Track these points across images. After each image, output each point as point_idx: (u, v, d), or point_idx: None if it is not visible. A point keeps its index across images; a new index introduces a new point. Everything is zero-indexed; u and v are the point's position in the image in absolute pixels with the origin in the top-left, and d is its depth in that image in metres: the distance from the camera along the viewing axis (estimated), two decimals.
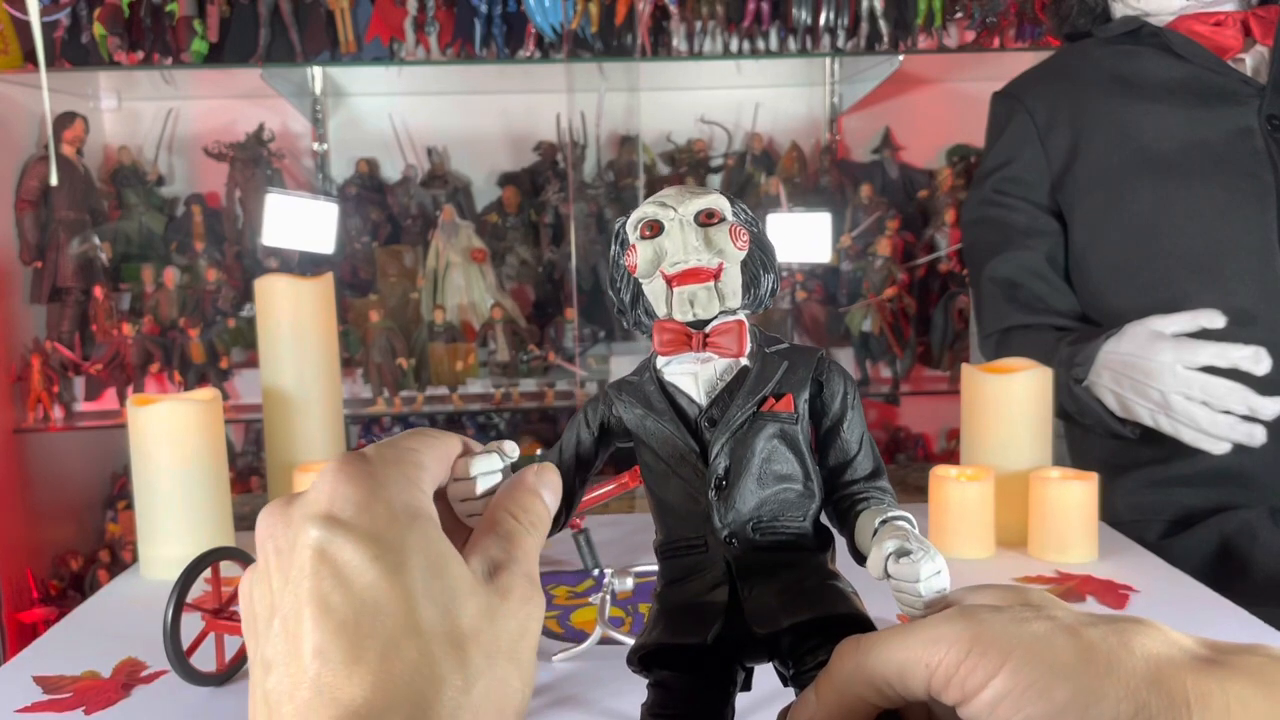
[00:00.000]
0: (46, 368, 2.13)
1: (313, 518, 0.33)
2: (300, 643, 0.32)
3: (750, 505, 0.41)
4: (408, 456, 0.36)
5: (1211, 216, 1.15)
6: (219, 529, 1.04)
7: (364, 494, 0.34)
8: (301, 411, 1.17)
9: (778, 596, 0.40)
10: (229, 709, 0.74)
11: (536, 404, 2.24)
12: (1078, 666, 0.31)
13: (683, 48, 2.19)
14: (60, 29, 2.11)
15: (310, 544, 0.32)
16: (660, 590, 0.43)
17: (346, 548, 0.32)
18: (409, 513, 0.34)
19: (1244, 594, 0.90)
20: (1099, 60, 1.27)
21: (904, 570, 0.38)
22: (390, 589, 0.32)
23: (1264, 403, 1.02)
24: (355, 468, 0.34)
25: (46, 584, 2.16)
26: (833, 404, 0.43)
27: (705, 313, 0.42)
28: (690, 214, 0.42)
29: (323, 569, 0.32)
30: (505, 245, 2.34)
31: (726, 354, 0.42)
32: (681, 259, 0.42)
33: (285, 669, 0.32)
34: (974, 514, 1.00)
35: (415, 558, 0.33)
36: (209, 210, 2.34)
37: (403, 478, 0.35)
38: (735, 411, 0.42)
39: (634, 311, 0.45)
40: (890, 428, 2.53)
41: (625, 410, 0.44)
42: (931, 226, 2.33)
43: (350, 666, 0.31)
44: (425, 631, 0.32)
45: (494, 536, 0.37)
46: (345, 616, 0.31)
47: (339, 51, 2.19)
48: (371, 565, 0.32)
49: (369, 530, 0.33)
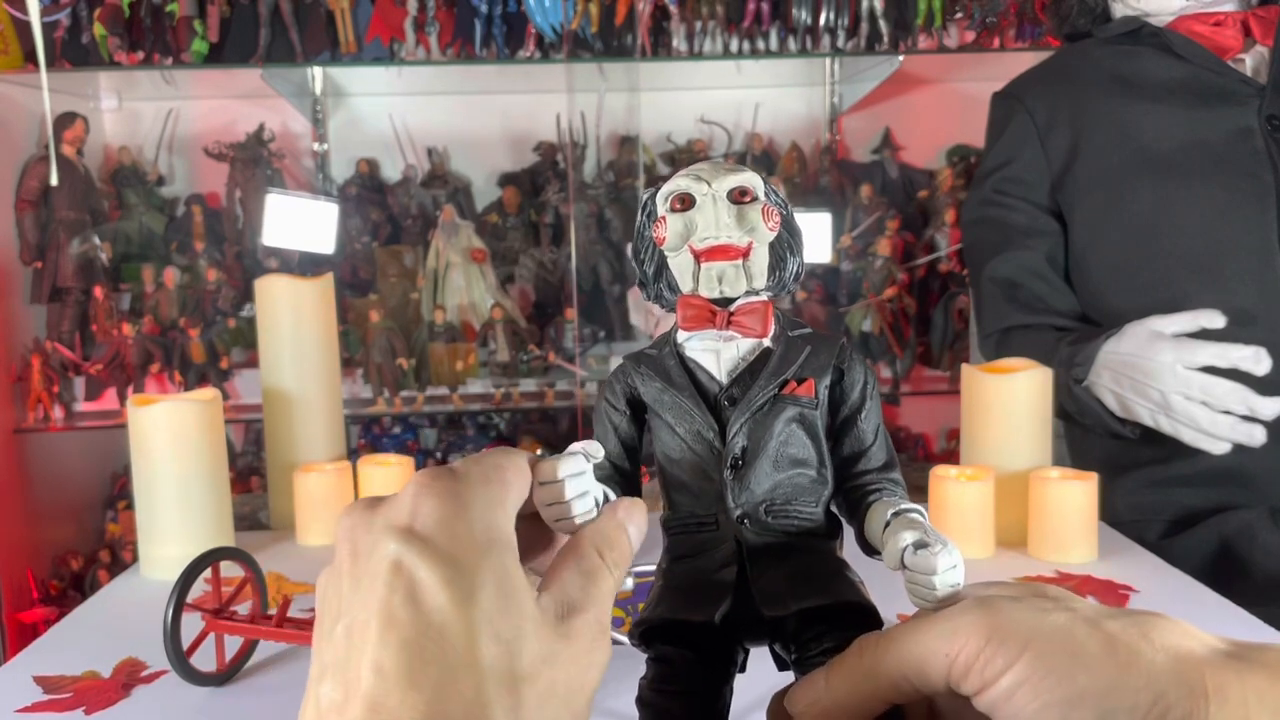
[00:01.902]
0: (46, 368, 2.13)
1: (394, 529, 0.33)
2: (362, 653, 0.31)
3: (765, 487, 0.41)
4: (494, 475, 0.35)
5: (1211, 216, 1.15)
6: (219, 529, 1.04)
7: (447, 512, 0.33)
8: (301, 411, 1.17)
9: (787, 580, 0.40)
10: (229, 709, 0.74)
11: (536, 404, 2.24)
12: (1099, 656, 0.32)
13: (683, 48, 2.19)
14: (60, 29, 2.11)
15: (388, 555, 0.32)
16: (666, 565, 0.43)
17: (422, 566, 0.32)
18: (488, 537, 0.33)
19: (1244, 594, 0.90)
20: (1099, 60, 1.27)
21: (921, 563, 0.38)
22: (458, 616, 0.31)
23: (1264, 403, 1.02)
24: (442, 484, 0.34)
25: (46, 584, 2.16)
26: (852, 393, 0.43)
27: (732, 291, 0.42)
28: (724, 190, 0.42)
29: (396, 583, 0.32)
30: (505, 245, 2.34)
31: (750, 334, 0.42)
32: (712, 234, 0.42)
33: (340, 677, 0.31)
34: (974, 514, 1.00)
35: (487, 587, 0.32)
36: (209, 210, 2.34)
37: (488, 498, 0.35)
38: (756, 392, 0.41)
39: (656, 284, 0.44)
40: (890, 428, 2.52)
41: (643, 383, 0.43)
42: (931, 226, 2.33)
43: (405, 690, 0.30)
44: (484, 667, 0.31)
45: (575, 572, 0.36)
46: (409, 636, 0.31)
47: (339, 51, 2.19)
48: (444, 589, 0.31)
49: (447, 551, 0.32)
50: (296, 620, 0.77)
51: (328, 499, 1.11)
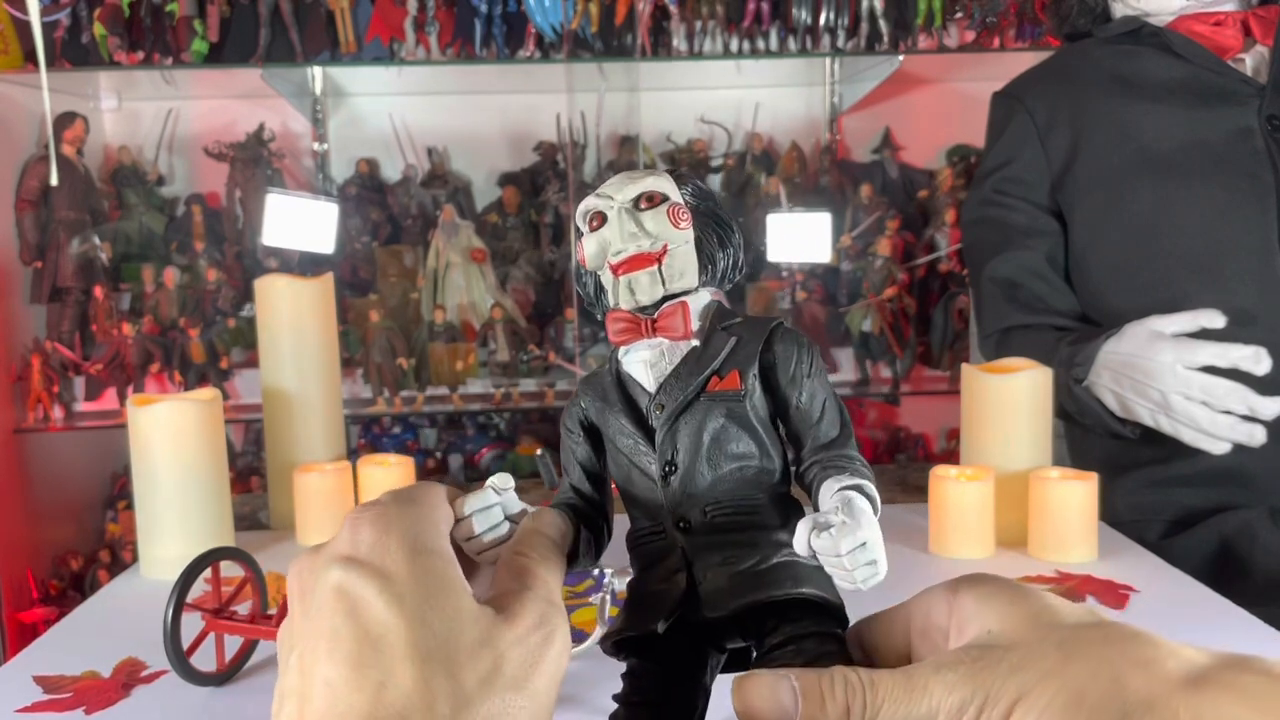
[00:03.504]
0: (46, 368, 2.13)
1: (335, 558, 0.35)
2: (313, 675, 0.33)
3: (703, 488, 0.41)
4: (418, 495, 0.38)
5: (1211, 216, 1.15)
6: (219, 529, 1.04)
7: (378, 533, 0.36)
8: (301, 411, 1.17)
9: (729, 579, 0.39)
10: (229, 709, 0.74)
11: (536, 404, 2.24)
12: (1070, 707, 0.32)
13: (683, 48, 2.19)
14: (60, 29, 2.11)
15: (330, 582, 0.34)
16: (633, 578, 0.43)
17: (359, 583, 0.34)
18: (416, 547, 0.36)
19: (1244, 594, 0.90)
20: (1099, 60, 1.26)
21: (823, 544, 0.37)
22: (393, 620, 0.33)
23: (1264, 403, 1.02)
24: (371, 512, 0.37)
25: (46, 584, 2.16)
26: (784, 371, 0.42)
27: (647, 298, 0.42)
28: (627, 200, 0.42)
29: (339, 605, 0.34)
30: (505, 245, 2.34)
31: (674, 336, 0.42)
32: (621, 247, 0.42)
33: (295, 700, 0.33)
34: (974, 514, 1.00)
35: (418, 588, 0.34)
36: (209, 210, 2.34)
37: (414, 515, 0.37)
38: (676, 394, 0.41)
39: (600, 304, 0.45)
40: (890, 428, 2.53)
41: (589, 405, 0.44)
42: (931, 226, 2.33)
43: (350, 695, 0.32)
44: (420, 659, 0.33)
45: (506, 573, 0.38)
46: (351, 648, 0.33)
47: (339, 51, 2.19)
48: (378, 597, 0.34)
49: (380, 566, 0.35)
50: None
51: (328, 499, 1.11)
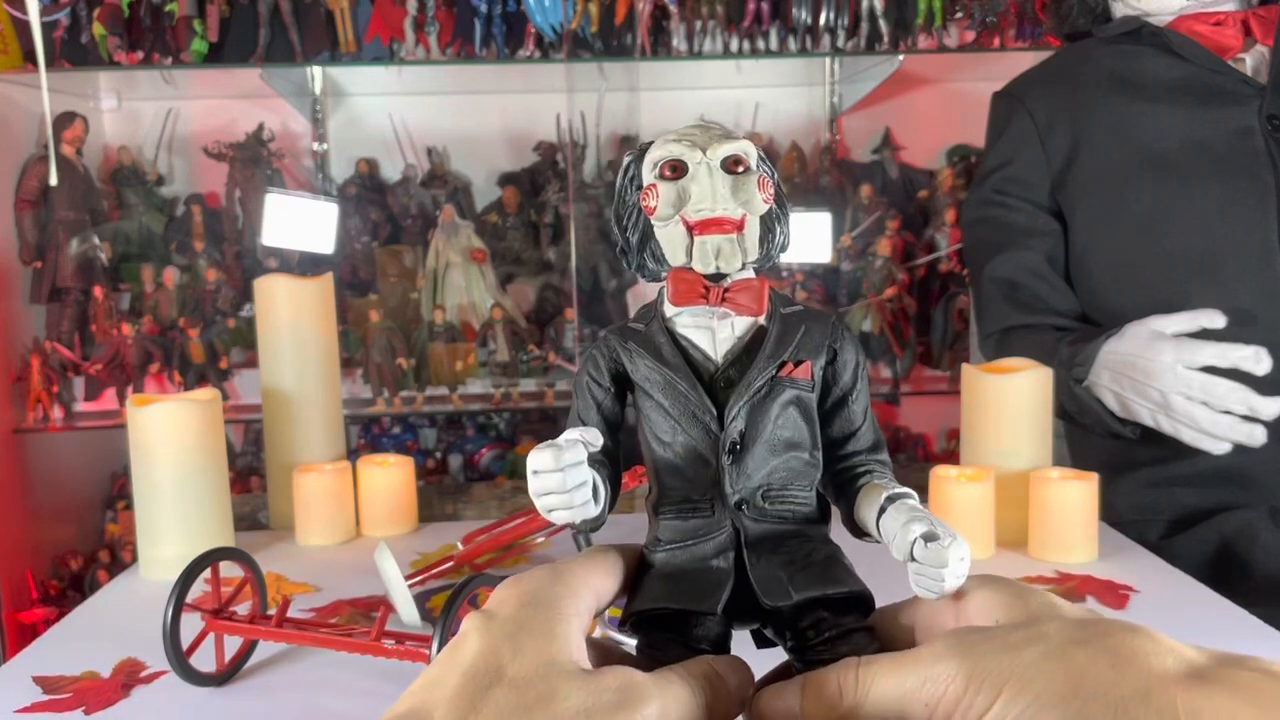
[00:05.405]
0: (46, 368, 2.12)
1: (477, 615, 0.38)
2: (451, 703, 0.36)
3: (761, 472, 0.40)
4: (565, 575, 0.39)
5: (1211, 216, 1.15)
6: (219, 529, 1.04)
7: (511, 593, 0.38)
8: (301, 411, 1.17)
9: (785, 568, 0.39)
10: (229, 709, 0.74)
11: (536, 404, 2.24)
12: (1065, 693, 0.32)
13: (683, 48, 2.19)
14: (60, 29, 2.11)
15: (462, 630, 0.38)
16: (654, 551, 0.42)
17: (476, 628, 0.37)
18: (529, 600, 0.37)
19: (1244, 594, 0.90)
20: (1099, 60, 1.26)
21: (933, 556, 0.37)
22: (479, 645, 0.36)
23: (1264, 403, 1.02)
24: (519, 578, 0.39)
25: (46, 584, 2.16)
26: (844, 374, 0.42)
27: (728, 266, 0.40)
28: (719, 158, 0.40)
29: (454, 643, 0.37)
30: (505, 245, 2.34)
31: (745, 312, 0.41)
32: (708, 206, 0.40)
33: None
34: (974, 514, 1.00)
35: (508, 626, 0.36)
36: (209, 210, 2.34)
37: (546, 578, 0.39)
38: (755, 374, 0.40)
39: (640, 254, 0.42)
40: (890, 428, 2.53)
41: (630, 359, 0.42)
42: (931, 226, 2.33)
43: (408, 699, 0.35)
44: (480, 674, 0.35)
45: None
46: (436, 674, 0.36)
47: (339, 51, 2.19)
48: (478, 635, 0.36)
49: (494, 611, 0.37)
50: (296, 620, 0.77)
51: (327, 499, 1.11)
